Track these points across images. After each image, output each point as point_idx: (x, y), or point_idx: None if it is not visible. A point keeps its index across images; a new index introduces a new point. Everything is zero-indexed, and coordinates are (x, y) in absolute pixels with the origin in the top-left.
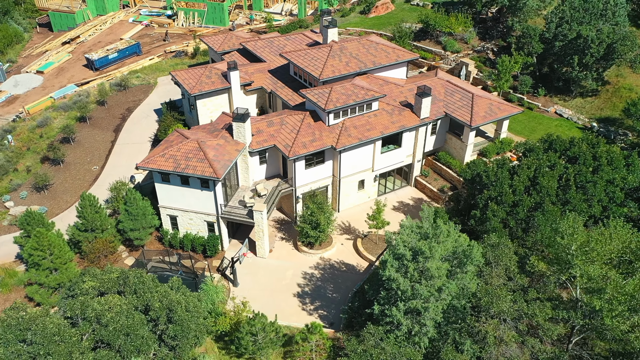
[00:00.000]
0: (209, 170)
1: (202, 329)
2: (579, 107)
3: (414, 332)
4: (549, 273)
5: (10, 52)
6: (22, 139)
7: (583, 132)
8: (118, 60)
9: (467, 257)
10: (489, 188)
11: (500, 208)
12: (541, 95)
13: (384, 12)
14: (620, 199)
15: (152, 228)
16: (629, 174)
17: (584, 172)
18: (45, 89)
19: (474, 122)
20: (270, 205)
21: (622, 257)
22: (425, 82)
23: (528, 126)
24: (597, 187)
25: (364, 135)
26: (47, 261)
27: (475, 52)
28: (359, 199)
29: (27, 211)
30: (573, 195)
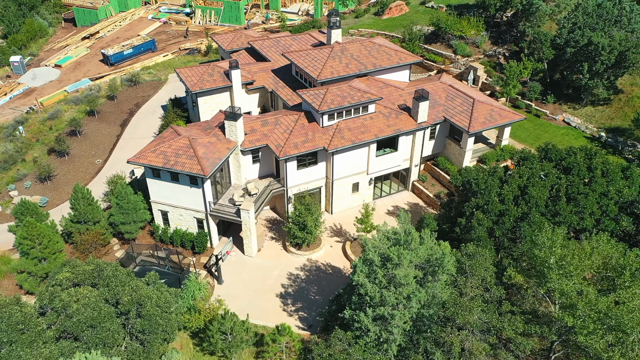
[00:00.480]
0: (197, 167)
1: (173, 324)
2: (588, 116)
3: (382, 339)
4: (526, 286)
5: (33, 45)
6: (33, 130)
7: (590, 141)
8: (133, 56)
9: (439, 265)
10: (477, 196)
11: (486, 217)
12: (550, 103)
13: (398, 14)
14: (613, 213)
15: (143, 222)
16: (625, 187)
17: (576, 184)
18: (62, 83)
19: (472, 127)
20: (259, 205)
21: (603, 273)
22: (427, 86)
23: (533, 134)
24: (589, 200)
25: (358, 138)
26: (35, 250)
27: (487, 56)
28: (353, 202)
29: (22, 201)
30: (563, 207)
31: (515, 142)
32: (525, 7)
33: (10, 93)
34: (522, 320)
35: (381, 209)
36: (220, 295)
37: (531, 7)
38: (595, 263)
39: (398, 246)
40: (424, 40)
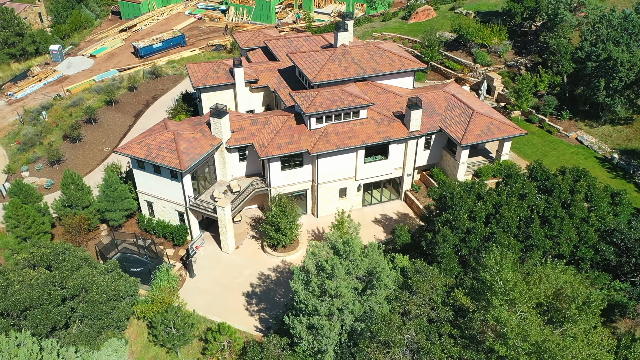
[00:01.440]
0: (176, 161)
1: (122, 312)
2: (605, 135)
3: (315, 348)
4: (472, 309)
5: (76, 36)
6: (55, 116)
7: (600, 162)
8: (162, 50)
9: (377, 279)
10: (448, 211)
11: (453, 233)
12: (565, 119)
13: (424, 19)
14: (592, 240)
15: (128, 211)
16: (609, 214)
17: (554, 206)
18: (93, 72)
19: (465, 140)
20: (239, 203)
21: (554, 303)
22: (428, 95)
23: (540, 150)
24: (565, 224)
25: (344, 143)
26: (19, 229)
27: (508, 66)
28: (340, 207)
29: (16, 181)
30: (536, 230)
31: (518, 158)
32: (551, 16)
33: (45, 79)
34: (460, 345)
35: (369, 216)
36: (189, 288)
37: (556, 17)
38: (546, 292)
39: (337, 256)
40: (445, 46)
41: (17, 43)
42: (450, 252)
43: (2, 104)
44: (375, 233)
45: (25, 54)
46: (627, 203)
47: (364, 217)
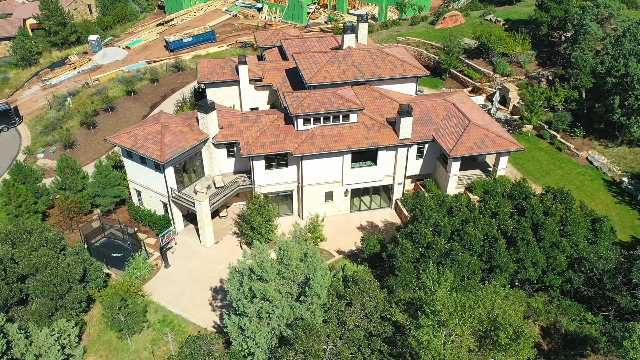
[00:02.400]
0: (157, 153)
1: (76, 295)
2: (619, 157)
3: (245, 350)
4: (407, 326)
5: (118, 28)
6: (78, 103)
7: (607, 185)
8: (192, 45)
9: (308, 286)
10: (414, 223)
11: (414, 247)
12: (579, 137)
13: (452, 25)
14: (561, 267)
15: (117, 198)
16: (584, 241)
17: (522, 227)
18: (125, 63)
19: (454, 151)
20: (219, 199)
21: (489, 329)
22: (427, 103)
23: (545, 168)
24: (531, 247)
25: (328, 146)
26: (10, 207)
27: (528, 78)
28: (327, 211)
29: (17, 162)
30: (499, 251)
31: (518, 174)
32: (577, 27)
33: (79, 67)
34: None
35: (355, 222)
36: (161, 277)
37: (581, 28)
38: (481, 317)
39: (273, 259)
40: (467, 54)
41: (59, 32)
42: (409, 265)
43: (37, 88)
44: (357, 240)
45: (66, 42)
46: (608, 231)
47: (349, 223)
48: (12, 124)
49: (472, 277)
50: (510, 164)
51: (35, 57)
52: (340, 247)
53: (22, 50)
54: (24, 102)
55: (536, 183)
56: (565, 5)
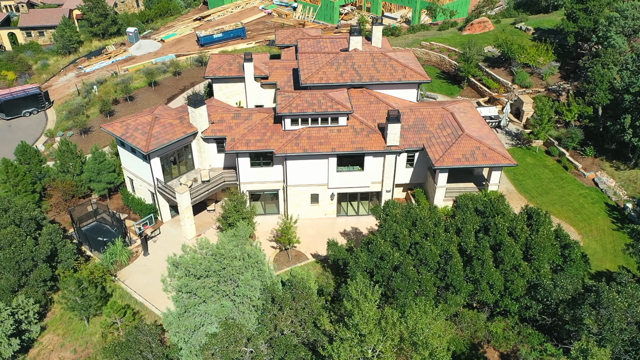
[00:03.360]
0: (143, 143)
1: (39, 273)
2: (629, 181)
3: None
4: (335, 336)
5: (159, 21)
6: (103, 91)
7: (608, 210)
8: (222, 41)
9: (237, 286)
10: (375, 234)
11: (369, 257)
12: (589, 156)
13: (480, 31)
14: (518, 292)
15: (111, 184)
16: (547, 266)
17: (482, 247)
18: (157, 55)
19: (440, 162)
20: (203, 192)
21: (404, 349)
22: (425, 110)
23: (544, 186)
24: (486, 268)
25: (312, 148)
26: (7, 185)
27: (548, 90)
28: (312, 213)
29: (22, 143)
30: (454, 269)
31: (514, 191)
32: (601, 39)
33: (114, 57)
34: None
35: (340, 227)
36: (138, 265)
37: (605, 41)
38: (403, 334)
39: (202, 255)
40: (489, 62)
41: (100, 23)
42: (363, 275)
43: (72, 75)
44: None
45: (106, 33)
46: (579, 258)
47: (334, 228)
48: (41, 107)
49: (424, 294)
50: (509, 179)
51: (75, 46)
52: (317, 250)
53: (62, 39)
54: (57, 88)
55: (531, 202)
56: (595, 16)
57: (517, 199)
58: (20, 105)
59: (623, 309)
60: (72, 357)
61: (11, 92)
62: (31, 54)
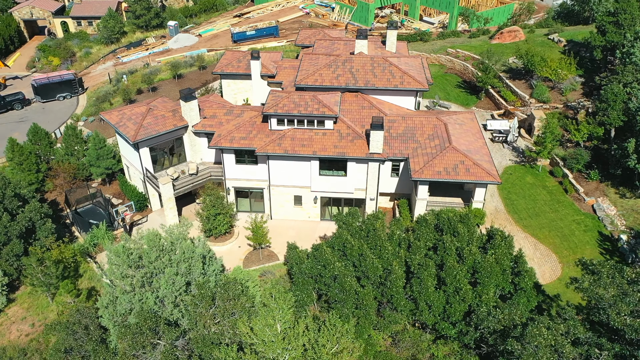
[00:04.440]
0: (132, 132)
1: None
2: (632, 210)
3: None
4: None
5: (202, 16)
6: (132, 80)
7: (600, 240)
8: (255, 38)
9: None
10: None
11: (313, 264)
12: (594, 180)
13: (510, 41)
14: (456, 317)
15: (109, 170)
16: (492, 292)
17: (424, 266)
18: (191, 49)
19: (418, 173)
20: (188, 185)
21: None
22: (417, 119)
23: (537, 208)
24: (423, 288)
25: (293, 149)
26: (12, 163)
27: (567, 107)
28: (295, 215)
29: (34, 125)
30: (394, 285)
31: (503, 210)
32: (624, 56)
33: (151, 49)
34: None
35: (321, 231)
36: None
37: (628, 57)
38: (306, 347)
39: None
40: (510, 73)
41: (143, 15)
42: (308, 281)
43: (110, 64)
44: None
45: (148, 25)
46: (530, 288)
47: (315, 231)
48: (74, 92)
49: (362, 307)
50: (501, 198)
51: (117, 36)
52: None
53: (106, 29)
54: (94, 75)
55: (517, 223)
56: (625, 30)
57: (504, 218)
58: (55, 90)
59: (548, 346)
60: (29, 330)
61: (48, 77)
62: (78, 42)
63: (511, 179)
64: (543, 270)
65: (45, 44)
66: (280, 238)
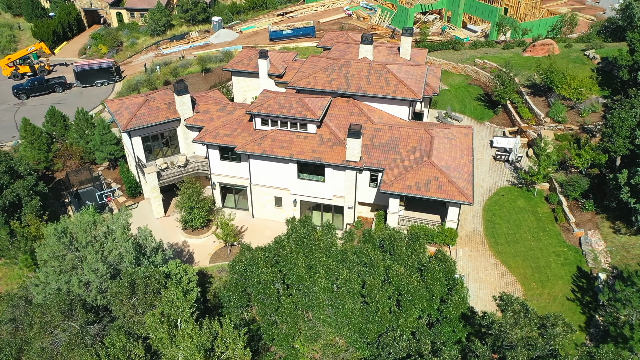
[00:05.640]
0: (124, 122)
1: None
2: (623, 248)
3: None
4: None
5: (250, 13)
6: (164, 72)
7: (575, 277)
8: (291, 37)
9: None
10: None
11: (245, 265)
12: (589, 210)
13: (542, 54)
14: (370, 338)
15: (112, 155)
16: (414, 315)
17: (349, 282)
18: (230, 44)
19: (386, 186)
20: (174, 176)
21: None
22: (403, 130)
23: (517, 234)
24: (340, 304)
25: (272, 151)
26: (25, 141)
27: (582, 129)
28: (276, 215)
29: (51, 108)
30: (315, 298)
31: (480, 232)
32: None
33: (192, 43)
34: None
35: None
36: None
37: None
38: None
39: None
40: (532, 89)
41: (190, 10)
42: (244, 283)
43: (151, 55)
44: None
45: (195, 19)
46: (455, 318)
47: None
48: (112, 80)
49: (284, 316)
50: (483, 219)
51: (162, 29)
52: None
53: (152, 21)
54: (135, 65)
55: (491, 248)
56: None
57: (478, 242)
58: (94, 76)
59: None
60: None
61: (88, 64)
62: (127, 33)
63: (501, 200)
64: None
65: (98, 32)
66: (255, 236)
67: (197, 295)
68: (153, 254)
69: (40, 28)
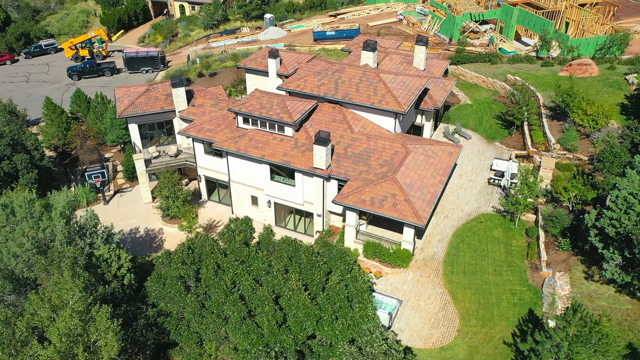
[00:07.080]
0: (121, 108)
1: None
2: (590, 296)
3: None
4: None
5: (306, 12)
6: (203, 64)
7: (525, 317)
8: (334, 38)
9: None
10: None
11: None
12: (565, 250)
13: (579, 74)
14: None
15: (120, 139)
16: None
17: (244, 285)
18: (276, 42)
19: (340, 197)
20: (160, 165)
21: None
22: (380, 142)
23: (478, 266)
24: (205, 320)
25: (245, 150)
26: (46, 119)
27: (591, 161)
28: (253, 214)
29: (77, 90)
30: (189, 303)
31: (439, 258)
32: None
33: (240, 38)
34: None
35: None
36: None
37: None
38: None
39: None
40: (553, 111)
41: (245, 6)
42: (160, 280)
43: (200, 47)
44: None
45: (248, 15)
46: (340, 341)
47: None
48: (156, 68)
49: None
50: (449, 245)
51: (215, 22)
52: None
53: (206, 15)
54: (181, 56)
55: (443, 277)
56: None
57: (434, 267)
58: (140, 63)
59: None
60: None
61: (137, 52)
62: (184, 24)
63: (476, 227)
64: (432, 333)
65: (158, 23)
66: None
67: (129, 281)
68: (94, 237)
69: (108, 15)
